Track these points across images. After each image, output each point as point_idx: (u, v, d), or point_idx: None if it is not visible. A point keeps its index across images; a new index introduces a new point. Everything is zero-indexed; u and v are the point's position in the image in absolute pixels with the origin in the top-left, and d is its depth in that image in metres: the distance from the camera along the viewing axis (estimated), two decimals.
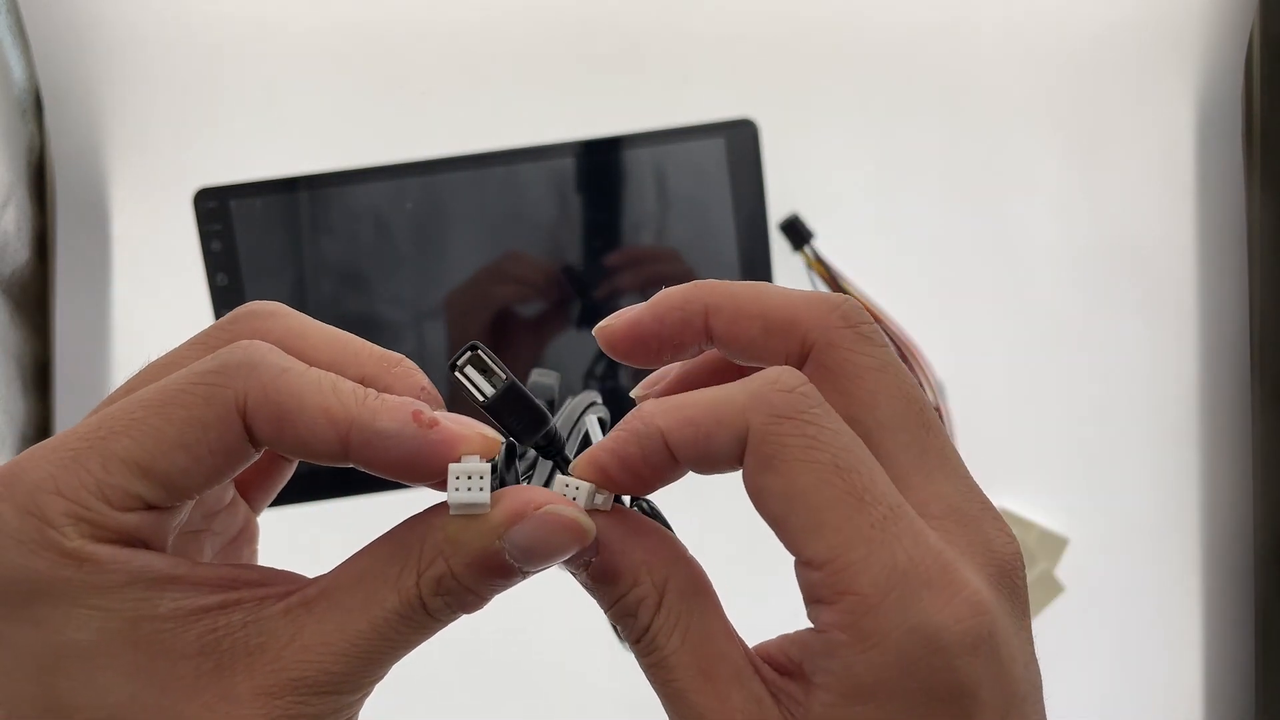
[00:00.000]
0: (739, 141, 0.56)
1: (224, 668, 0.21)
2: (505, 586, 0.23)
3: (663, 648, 0.22)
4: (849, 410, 0.23)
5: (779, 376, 0.22)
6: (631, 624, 0.23)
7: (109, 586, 0.21)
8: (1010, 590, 0.22)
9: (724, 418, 0.22)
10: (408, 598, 0.22)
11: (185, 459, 0.22)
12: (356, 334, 0.25)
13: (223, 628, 0.21)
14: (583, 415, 0.29)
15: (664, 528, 0.24)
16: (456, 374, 0.24)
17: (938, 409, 0.57)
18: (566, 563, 0.23)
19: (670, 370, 0.27)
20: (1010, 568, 0.22)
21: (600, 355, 0.57)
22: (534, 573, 0.23)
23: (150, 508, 0.22)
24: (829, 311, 0.24)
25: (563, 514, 0.22)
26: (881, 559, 0.20)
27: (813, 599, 0.21)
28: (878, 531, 0.21)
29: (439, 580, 0.22)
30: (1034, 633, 0.23)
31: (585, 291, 0.56)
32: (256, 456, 0.23)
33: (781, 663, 0.23)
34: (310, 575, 0.23)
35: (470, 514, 0.22)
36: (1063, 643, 0.59)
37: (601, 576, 0.23)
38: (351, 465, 0.23)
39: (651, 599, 0.22)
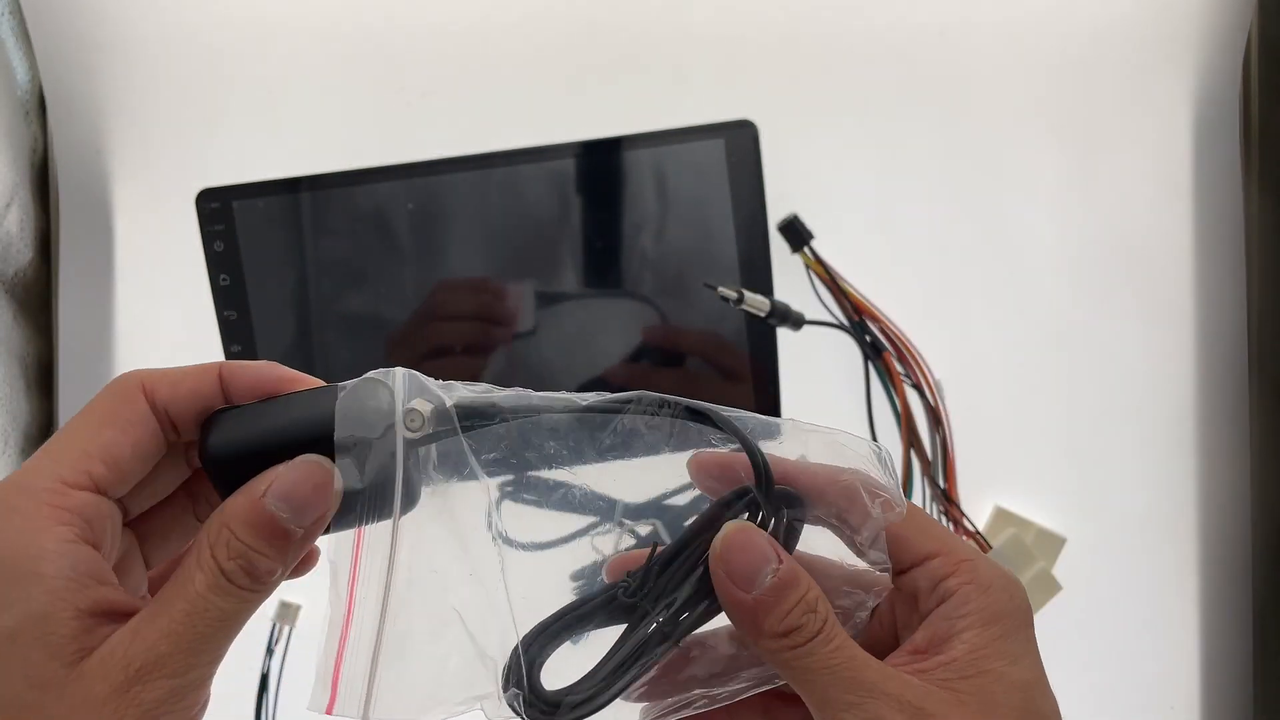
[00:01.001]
0: (738, 142, 0.56)
1: (86, 674, 0.26)
2: (283, 547, 0.27)
3: (837, 637, 0.28)
4: None
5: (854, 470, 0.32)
6: (811, 619, 0.28)
7: (46, 573, 0.26)
8: None
9: (837, 479, 0.31)
10: (209, 571, 0.27)
11: (112, 433, 0.28)
12: (357, 334, 0.29)
13: (93, 645, 0.26)
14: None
15: None
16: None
17: (936, 409, 0.57)
18: (732, 594, 0.29)
19: None
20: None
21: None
22: (310, 529, 0.28)
23: (98, 489, 0.28)
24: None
25: (309, 459, 0.28)
26: (967, 545, 0.31)
27: (939, 576, 0.30)
28: (954, 535, 0.32)
29: (227, 546, 0.27)
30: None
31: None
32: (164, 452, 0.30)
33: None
34: None
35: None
36: (1060, 642, 0.59)
37: (790, 578, 0.29)
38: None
39: (823, 598, 0.29)
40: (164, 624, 0.26)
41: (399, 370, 0.29)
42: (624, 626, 0.30)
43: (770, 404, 0.57)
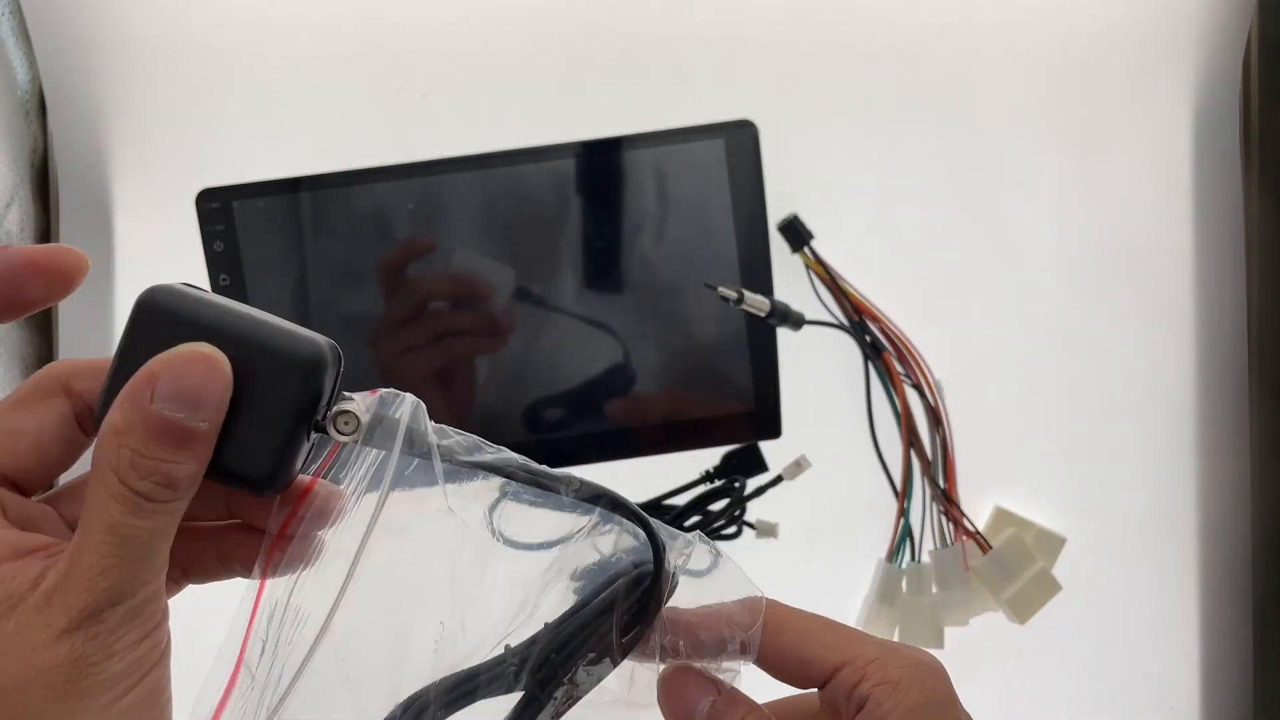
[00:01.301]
0: (738, 142, 0.56)
1: (24, 624, 0.25)
2: (194, 447, 0.26)
3: None
4: None
5: (751, 600, 0.32)
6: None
7: None
8: None
9: (729, 616, 0.31)
10: (120, 495, 0.25)
11: (13, 417, 0.28)
12: (357, 334, 0.29)
13: (18, 595, 0.25)
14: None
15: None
16: None
17: (936, 409, 0.57)
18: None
19: None
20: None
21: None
22: (214, 418, 0.26)
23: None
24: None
25: (185, 347, 0.27)
26: (872, 642, 0.31)
27: (850, 685, 0.30)
28: (858, 633, 0.31)
29: (131, 464, 0.25)
30: (1033, 631, 0.31)
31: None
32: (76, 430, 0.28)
33: None
34: None
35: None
36: (1061, 641, 0.59)
37: (727, 705, 0.31)
38: None
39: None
40: (93, 560, 0.25)
41: (409, 396, 0.29)
42: (515, 699, 0.30)
43: (771, 404, 0.57)
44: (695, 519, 0.57)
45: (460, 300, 0.56)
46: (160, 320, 0.28)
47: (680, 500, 0.57)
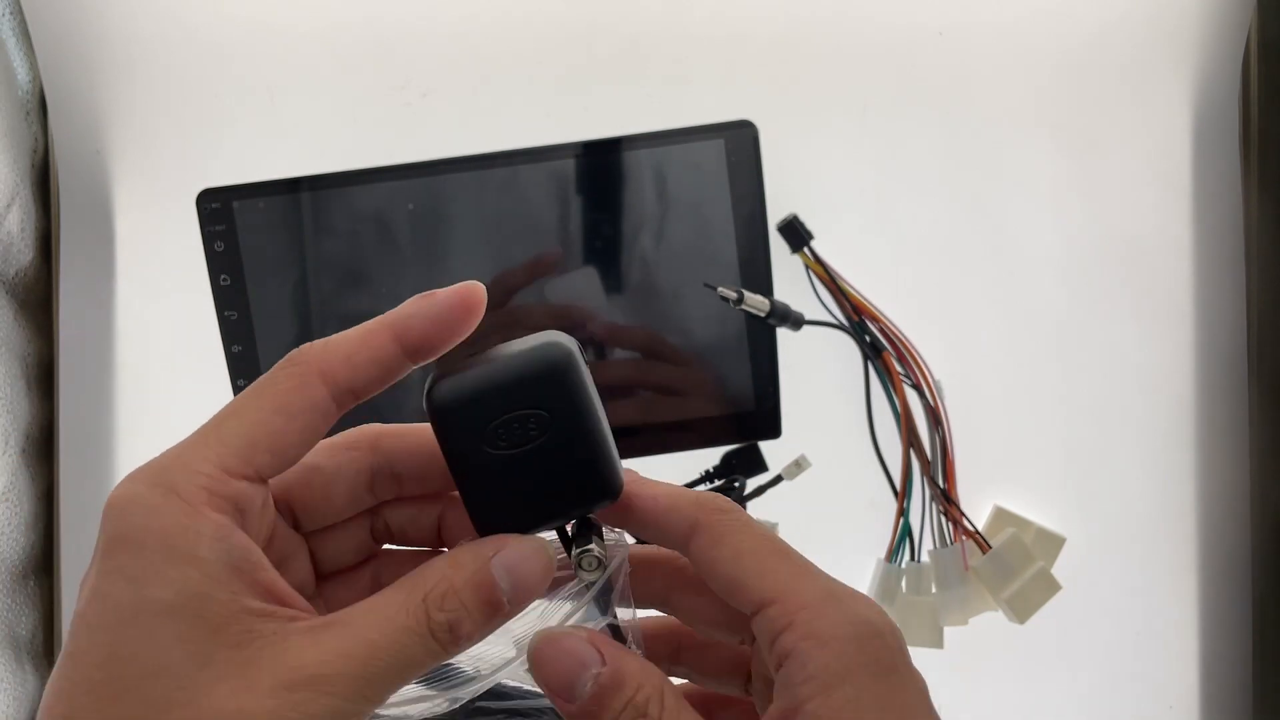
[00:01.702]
0: (738, 143, 0.56)
1: (251, 663, 0.25)
2: (493, 622, 0.27)
3: None
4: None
5: (715, 495, 0.30)
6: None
7: (202, 556, 0.25)
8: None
9: (680, 507, 0.29)
10: (416, 614, 0.26)
11: (282, 421, 0.27)
12: None
13: (257, 630, 0.25)
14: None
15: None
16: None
17: (936, 409, 0.57)
18: (568, 697, 0.28)
19: None
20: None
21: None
22: (515, 608, 0.27)
23: (259, 478, 0.27)
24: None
25: (530, 540, 0.28)
26: (816, 584, 0.28)
27: (775, 631, 0.27)
28: (806, 569, 0.28)
29: (444, 597, 0.26)
30: (1033, 630, 0.29)
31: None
32: (338, 414, 0.28)
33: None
34: None
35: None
36: (1060, 641, 0.59)
37: (612, 682, 0.27)
38: (411, 369, 0.29)
39: (656, 697, 0.27)
40: (348, 644, 0.25)
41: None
42: None
43: (771, 404, 0.57)
44: None
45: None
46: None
47: None
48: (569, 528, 0.30)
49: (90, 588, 0.25)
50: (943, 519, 0.57)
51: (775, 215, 0.57)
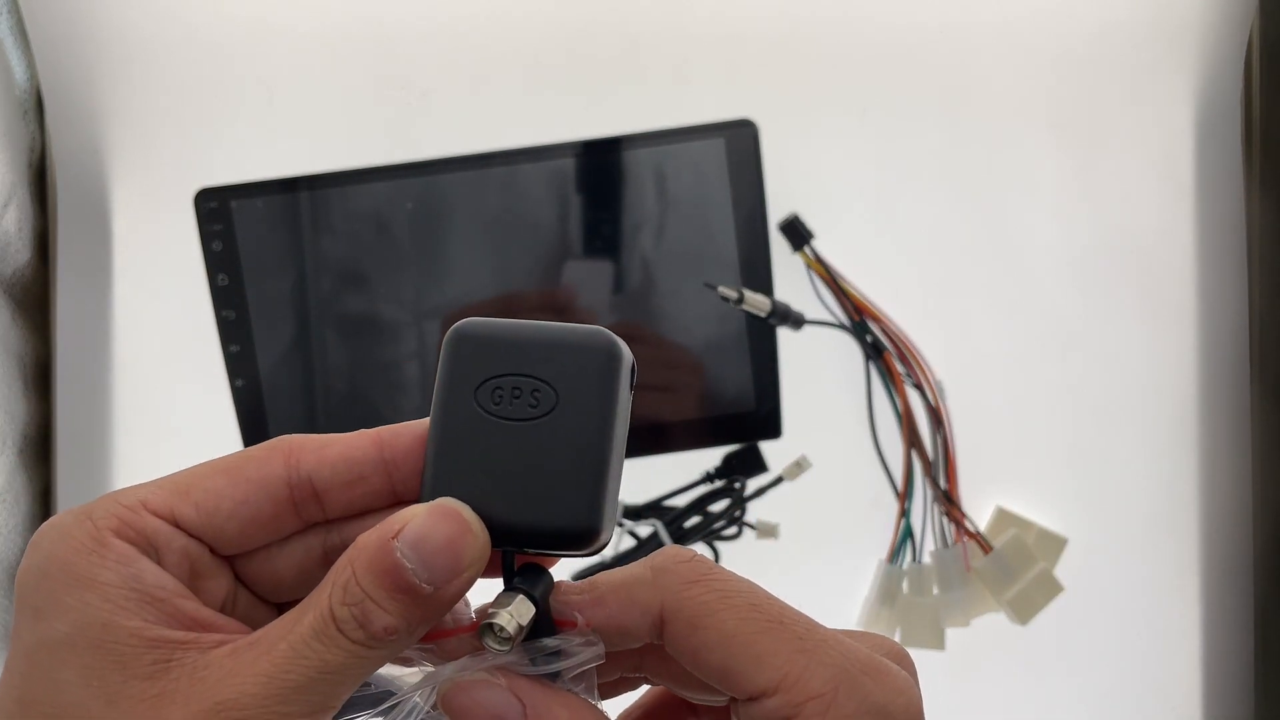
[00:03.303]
0: (739, 142, 0.56)
1: (164, 696, 0.23)
2: (416, 609, 0.23)
3: None
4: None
5: (674, 551, 0.25)
6: None
7: (104, 581, 0.23)
8: None
9: (638, 598, 0.25)
10: (318, 613, 0.23)
11: (224, 481, 0.25)
12: (358, 335, 0.27)
13: (175, 661, 0.23)
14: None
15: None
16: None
17: (937, 409, 0.57)
18: None
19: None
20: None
21: None
22: (442, 592, 0.23)
23: (176, 525, 0.25)
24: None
25: (447, 503, 0.24)
26: (822, 663, 0.23)
27: None
28: (807, 643, 0.24)
29: (345, 587, 0.23)
30: (1034, 631, 0.26)
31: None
32: (295, 526, 0.26)
33: None
34: None
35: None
36: (1062, 642, 0.59)
37: None
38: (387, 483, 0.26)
39: None
40: (259, 661, 0.23)
41: None
42: None
43: (771, 404, 0.57)
44: (695, 520, 0.57)
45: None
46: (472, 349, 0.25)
47: (680, 501, 0.57)
48: (516, 562, 0.25)
49: (8, 626, 0.24)
50: (944, 520, 0.57)
51: (776, 214, 0.57)
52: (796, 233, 0.57)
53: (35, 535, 0.24)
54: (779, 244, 0.57)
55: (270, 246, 0.55)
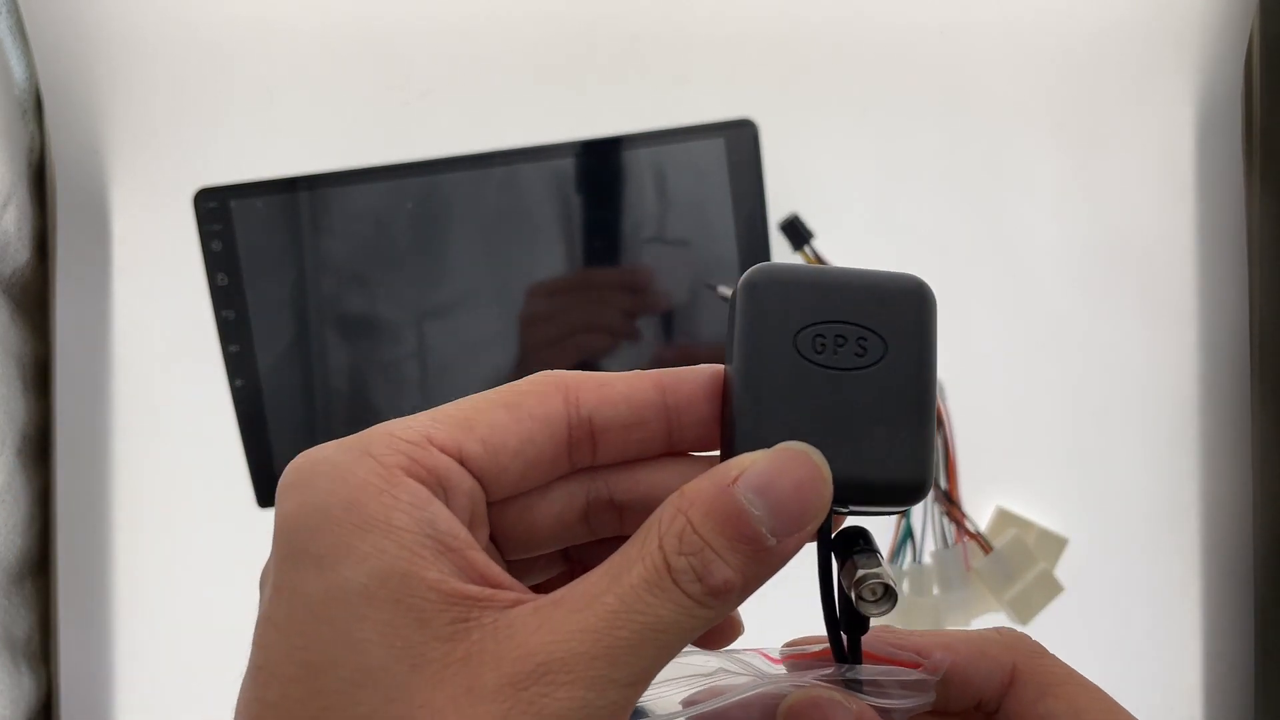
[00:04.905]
0: (739, 142, 0.56)
1: (471, 657, 0.20)
2: (754, 564, 0.21)
3: None
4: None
5: (1013, 629, 0.26)
6: None
7: (399, 526, 0.21)
8: None
9: (990, 652, 0.25)
10: (652, 562, 0.21)
11: (507, 417, 0.23)
12: (358, 335, 0.26)
13: (474, 619, 0.21)
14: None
15: None
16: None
17: (938, 409, 0.57)
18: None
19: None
20: None
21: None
22: (784, 544, 0.21)
23: (465, 467, 0.22)
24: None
25: (795, 446, 0.22)
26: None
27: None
28: None
29: (680, 536, 0.21)
30: (1035, 631, 0.27)
31: None
32: (574, 467, 0.24)
33: None
34: None
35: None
36: (1062, 643, 0.58)
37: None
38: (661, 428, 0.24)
39: None
40: (582, 617, 0.20)
41: None
42: None
43: None
44: None
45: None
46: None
47: None
48: (835, 530, 0.24)
49: (272, 584, 0.21)
50: (945, 520, 0.57)
51: (776, 214, 0.57)
52: (797, 232, 0.57)
53: (293, 474, 0.22)
54: (779, 244, 0.57)
55: (270, 246, 0.55)
